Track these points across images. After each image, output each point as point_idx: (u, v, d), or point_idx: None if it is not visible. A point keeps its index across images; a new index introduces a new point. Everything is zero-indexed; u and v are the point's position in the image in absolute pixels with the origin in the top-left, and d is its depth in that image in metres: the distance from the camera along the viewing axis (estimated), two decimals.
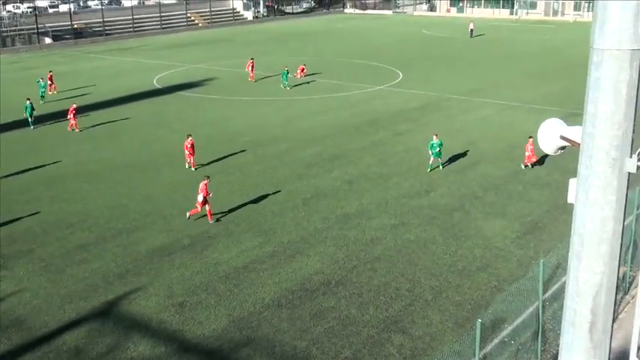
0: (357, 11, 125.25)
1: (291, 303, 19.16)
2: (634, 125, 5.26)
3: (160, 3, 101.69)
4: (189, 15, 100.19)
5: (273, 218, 25.44)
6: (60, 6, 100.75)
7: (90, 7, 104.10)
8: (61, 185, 29.49)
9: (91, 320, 18.43)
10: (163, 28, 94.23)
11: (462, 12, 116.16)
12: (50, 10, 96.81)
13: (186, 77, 55.88)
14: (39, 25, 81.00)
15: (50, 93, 49.09)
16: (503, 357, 16.36)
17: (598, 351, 5.48)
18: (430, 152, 30.40)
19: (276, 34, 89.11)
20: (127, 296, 19.68)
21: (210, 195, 25.23)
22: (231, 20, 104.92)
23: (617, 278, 5.51)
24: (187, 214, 25.20)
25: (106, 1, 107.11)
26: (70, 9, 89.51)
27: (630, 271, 19.91)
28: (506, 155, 32.83)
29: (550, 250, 21.55)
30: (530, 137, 29.72)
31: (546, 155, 22.08)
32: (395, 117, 41.14)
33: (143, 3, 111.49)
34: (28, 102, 39.23)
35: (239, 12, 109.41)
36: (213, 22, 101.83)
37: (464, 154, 33.24)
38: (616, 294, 5.56)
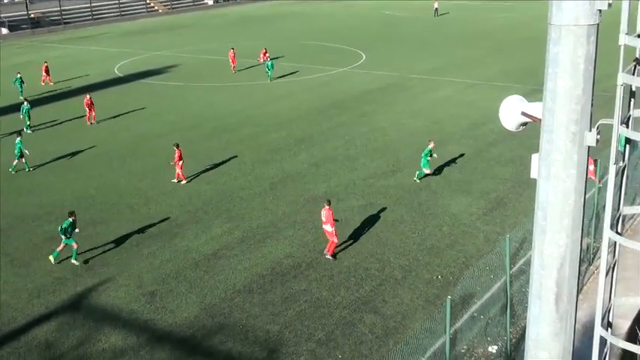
0: None
1: (262, 288, 19.20)
2: (592, 99, 5.34)
3: None
4: (148, 1, 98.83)
5: (241, 204, 25.39)
6: None
7: None
8: (26, 178, 29.04)
9: (61, 314, 18.27)
10: (122, 15, 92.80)
11: None
12: (5, 0, 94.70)
13: (148, 65, 55.19)
14: None
15: (43, 84, 48.19)
16: (473, 332, 16.61)
17: (564, 322, 5.59)
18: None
19: (236, 18, 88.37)
20: (96, 288, 19.54)
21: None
22: (191, 5, 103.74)
23: (581, 250, 5.62)
24: (326, 254, 20.90)
25: None
26: None
27: (594, 242, 20.29)
28: (469, 133, 33.11)
29: (515, 225, 21.85)
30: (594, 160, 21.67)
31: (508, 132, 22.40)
32: (359, 98, 41.18)
33: None
34: (26, 104, 36.78)
35: None
36: (174, 7, 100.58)
37: (429, 134, 33.41)
38: (580, 265, 5.67)
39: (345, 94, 42.28)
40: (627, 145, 5.68)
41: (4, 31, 79.70)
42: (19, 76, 44.66)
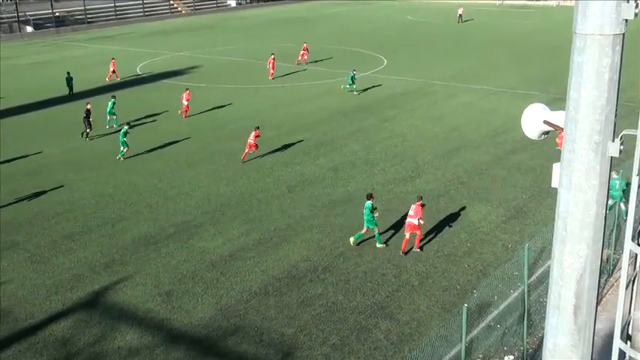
0: None
1: (278, 290, 19.20)
2: (616, 110, 5.29)
3: None
4: (172, 2, 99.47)
5: (259, 206, 25.43)
6: None
7: None
8: (47, 175, 29.30)
9: (78, 310, 18.38)
10: (146, 15, 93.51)
11: None
12: None
13: (170, 65, 55.52)
14: (20, 14, 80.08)
15: (108, 80, 49.29)
16: (489, 341, 16.50)
17: (582, 333, 5.53)
18: None
19: (259, 20, 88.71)
20: (113, 286, 19.64)
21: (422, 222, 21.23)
22: (214, 7, 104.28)
23: (601, 261, 5.56)
24: (416, 250, 21.31)
25: None
26: None
27: (614, 254, 20.09)
28: (490, 140, 32.94)
29: (535, 234, 21.69)
30: None
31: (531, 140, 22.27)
32: (380, 103, 41.12)
33: None
34: (126, 127, 32.65)
35: None
36: (197, 9, 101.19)
37: (449, 140, 33.33)
38: (600, 277, 5.61)
39: (366, 99, 42.24)
40: None
41: (29, 29, 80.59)
42: (70, 75, 45.18)
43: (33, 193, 26.95)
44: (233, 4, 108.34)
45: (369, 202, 21.54)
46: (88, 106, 35.14)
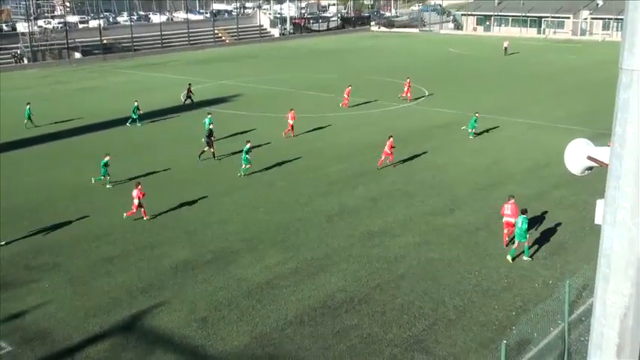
0: (384, 29, 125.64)
1: (313, 320, 19.10)
2: None
3: (188, 19, 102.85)
4: (216, 32, 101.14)
5: (296, 235, 25.45)
6: (90, 22, 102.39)
7: (119, 23, 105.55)
8: (89, 197, 29.77)
9: (115, 334, 18.51)
10: (191, 44, 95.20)
11: (489, 30, 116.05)
12: (80, 26, 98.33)
13: (213, 93, 56.28)
14: (69, 41, 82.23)
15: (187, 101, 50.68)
16: None
17: None
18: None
19: (302, 51, 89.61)
20: (150, 310, 19.76)
21: None
22: (257, 37, 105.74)
23: None
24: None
25: (135, 18, 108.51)
26: (99, 25, 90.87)
27: None
28: (532, 174, 32.58)
29: (576, 271, 21.28)
30: None
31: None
32: (420, 134, 41.05)
33: (171, 19, 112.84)
34: (248, 145, 33.44)
35: (266, 29, 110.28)
36: (240, 38, 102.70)
37: (489, 173, 33.06)
38: None
39: (406, 130, 42.21)
40: None
41: (77, 55, 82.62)
42: (136, 104, 44.97)
43: (74, 216, 27.37)
44: (276, 34, 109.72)
45: (524, 217, 22.64)
46: (211, 127, 36.67)
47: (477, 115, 40.57)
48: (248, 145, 32.93)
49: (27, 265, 22.86)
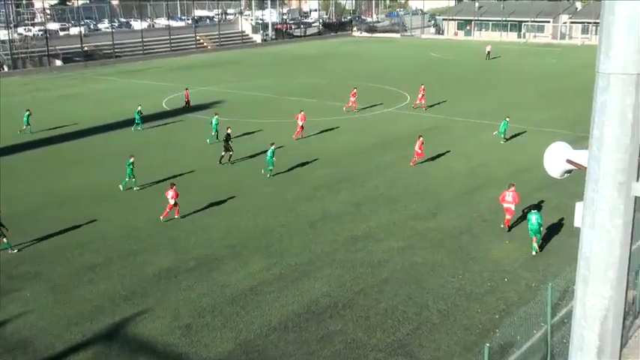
0: (365, 34, 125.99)
1: (297, 326, 19.07)
2: None
3: (169, 26, 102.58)
4: (198, 38, 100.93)
5: (280, 240, 25.41)
6: (70, 29, 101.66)
7: (100, 30, 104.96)
8: (72, 206, 29.56)
9: (98, 342, 18.37)
10: (172, 50, 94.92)
11: (470, 35, 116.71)
12: (61, 33, 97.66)
13: (195, 99, 56.03)
14: (50, 48, 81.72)
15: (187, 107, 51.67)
16: None
17: None
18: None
19: (284, 57, 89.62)
20: (133, 318, 19.63)
21: None
22: (239, 43, 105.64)
23: (627, 302, 5.47)
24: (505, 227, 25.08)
25: (116, 24, 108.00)
26: (80, 32, 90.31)
27: None
28: (514, 178, 32.69)
29: (558, 273, 21.39)
30: None
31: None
32: (403, 139, 41.15)
33: (153, 26, 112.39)
34: (272, 147, 34.03)
35: (248, 35, 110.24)
36: (222, 45, 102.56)
37: (472, 177, 33.21)
38: (626, 318, 5.51)
39: (389, 135, 42.32)
40: None
41: (58, 62, 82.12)
42: (139, 108, 45.01)
43: (57, 224, 27.16)
44: (258, 40, 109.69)
45: (538, 214, 23.90)
46: (229, 131, 36.59)
47: (507, 119, 40.72)
48: (272, 148, 33.38)
49: (9, 274, 22.64)
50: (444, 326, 18.99)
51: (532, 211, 24.50)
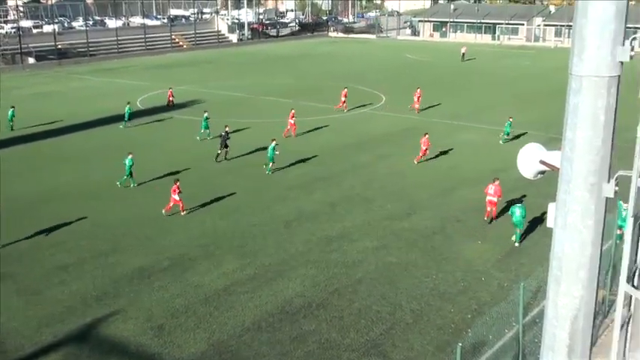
0: (341, 35, 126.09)
1: (271, 326, 19.02)
2: (612, 151, 5.29)
3: (144, 25, 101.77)
4: (173, 37, 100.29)
5: (254, 240, 25.32)
6: (44, 26, 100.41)
7: (74, 27, 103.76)
8: (45, 206, 29.19)
9: (69, 344, 18.16)
10: (148, 49, 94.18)
11: (445, 37, 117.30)
12: (34, 31, 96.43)
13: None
14: (23, 45, 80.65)
15: (169, 106, 51.55)
16: None
17: None
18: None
19: (260, 57, 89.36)
20: (105, 319, 19.44)
21: None
22: (215, 42, 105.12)
23: (597, 302, 5.51)
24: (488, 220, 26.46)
25: (91, 23, 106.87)
26: (54, 30, 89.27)
27: (610, 294, 19.95)
28: (487, 179, 32.88)
29: (530, 273, 21.56)
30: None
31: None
32: (378, 140, 41.26)
33: (128, 24, 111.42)
34: (273, 143, 34.43)
35: (224, 34, 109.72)
36: (198, 44, 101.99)
37: (446, 178, 33.38)
38: (595, 318, 5.56)
39: (364, 136, 42.39)
40: None
41: (31, 60, 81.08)
42: (129, 105, 45.64)
43: (29, 225, 26.81)
44: (234, 39, 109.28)
45: (522, 208, 24.68)
46: (227, 129, 37.09)
47: (510, 119, 41.03)
48: (273, 144, 33.72)
49: None
50: (417, 326, 19.06)
51: (516, 204, 25.28)
